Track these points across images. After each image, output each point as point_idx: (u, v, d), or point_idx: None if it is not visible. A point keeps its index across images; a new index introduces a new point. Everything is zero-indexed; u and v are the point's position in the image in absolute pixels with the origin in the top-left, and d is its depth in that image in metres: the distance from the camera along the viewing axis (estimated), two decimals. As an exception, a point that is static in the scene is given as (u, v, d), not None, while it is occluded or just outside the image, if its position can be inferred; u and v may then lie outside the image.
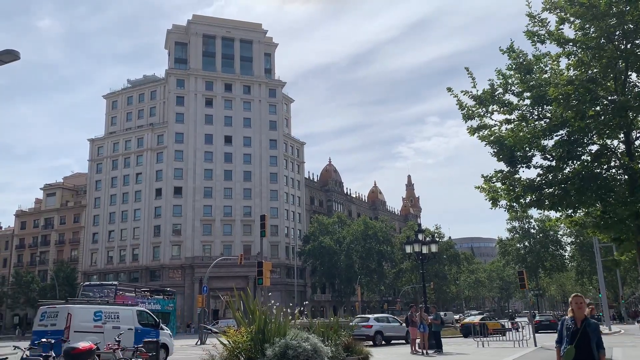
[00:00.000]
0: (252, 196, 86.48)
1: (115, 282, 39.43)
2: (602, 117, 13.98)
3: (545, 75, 14.87)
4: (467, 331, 26.79)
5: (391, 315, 38.73)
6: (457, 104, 15.66)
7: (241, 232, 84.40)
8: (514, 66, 15.20)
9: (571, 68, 14.72)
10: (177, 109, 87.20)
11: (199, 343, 36.68)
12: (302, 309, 13.23)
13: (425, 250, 29.31)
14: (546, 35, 14.82)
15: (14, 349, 14.30)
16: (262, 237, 30.03)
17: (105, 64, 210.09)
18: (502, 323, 36.50)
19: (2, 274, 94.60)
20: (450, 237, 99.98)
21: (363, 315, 35.05)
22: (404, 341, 29.50)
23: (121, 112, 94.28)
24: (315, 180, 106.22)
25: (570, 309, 7.03)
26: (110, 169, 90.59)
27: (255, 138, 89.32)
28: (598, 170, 14.95)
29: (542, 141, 14.97)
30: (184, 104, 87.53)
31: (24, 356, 12.41)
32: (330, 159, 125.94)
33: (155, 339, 16.41)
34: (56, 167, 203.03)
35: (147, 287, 48.09)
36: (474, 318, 40.24)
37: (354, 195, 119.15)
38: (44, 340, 13.56)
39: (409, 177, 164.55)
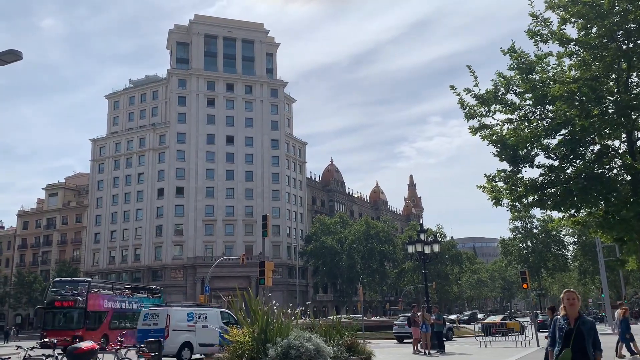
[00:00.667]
0: (254, 196, 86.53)
1: (89, 279, 37.87)
2: (606, 116, 13.94)
3: (549, 75, 14.84)
4: (489, 331, 27.80)
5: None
6: (459, 103, 15.64)
7: (243, 232, 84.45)
8: (515, 66, 15.17)
9: (573, 68, 14.68)
10: (179, 109, 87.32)
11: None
12: (303, 308, 13.26)
13: (427, 250, 29.29)
14: (548, 34, 14.79)
15: (17, 348, 14.34)
16: (264, 237, 30.10)
17: (106, 64, 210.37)
18: (522, 323, 36.98)
19: (4, 274, 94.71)
20: (452, 237, 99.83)
21: (405, 315, 34.86)
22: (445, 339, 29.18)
23: (123, 112, 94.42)
24: (317, 180, 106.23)
25: (562, 306, 6.38)
26: (112, 169, 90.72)
27: (257, 138, 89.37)
28: (601, 170, 14.91)
29: (545, 140, 14.93)
30: (185, 104, 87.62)
31: (27, 356, 12.45)
32: (332, 159, 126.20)
33: (157, 339, 16.43)
34: (58, 168, 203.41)
35: (132, 284, 46.46)
36: (495, 318, 42.37)
37: (356, 195, 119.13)
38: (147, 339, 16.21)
39: (411, 177, 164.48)
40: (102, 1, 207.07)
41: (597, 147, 15.04)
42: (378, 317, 70.60)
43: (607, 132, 14.06)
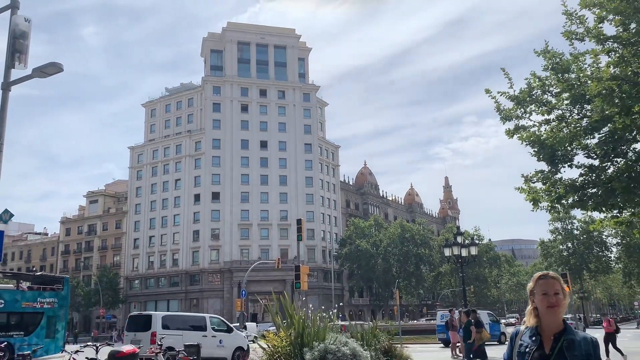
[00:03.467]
0: (288, 200, 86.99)
1: None
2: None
3: (587, 73, 14.45)
4: None
5: None
6: (495, 107, 15.39)
7: (278, 236, 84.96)
8: (549, 66, 14.83)
9: (611, 66, 14.26)
10: (213, 116, 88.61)
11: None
12: (335, 309, 13.25)
13: (464, 253, 28.85)
14: (584, 32, 14.41)
15: (61, 352, 14.78)
16: (298, 241, 30.21)
17: (144, 73, 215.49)
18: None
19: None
20: (490, 239, 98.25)
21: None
22: None
23: (160, 120, 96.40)
24: (351, 183, 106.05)
25: (530, 308, 3.40)
26: (150, 175, 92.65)
27: (290, 142, 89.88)
28: (644, 169, 14.41)
29: (584, 140, 14.54)
30: (220, 111, 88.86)
31: (71, 359, 12.81)
32: (365, 162, 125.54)
33: (196, 343, 16.67)
34: (99, 175, 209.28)
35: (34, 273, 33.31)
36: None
37: (390, 198, 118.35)
38: None
39: (447, 178, 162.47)
40: (139, 12, 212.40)
41: (640, 145, 14.55)
42: (415, 321, 69.93)
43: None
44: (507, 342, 3.59)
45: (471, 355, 16.16)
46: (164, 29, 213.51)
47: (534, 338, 3.30)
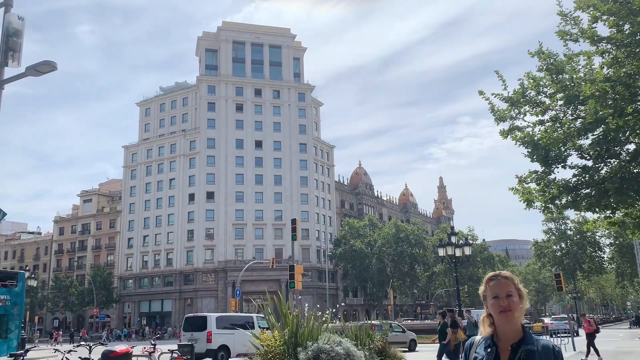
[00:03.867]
0: (282, 200, 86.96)
1: None
2: (640, 115, 13.55)
3: (580, 74, 14.52)
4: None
5: None
6: (489, 108, 15.44)
7: (272, 236, 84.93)
8: (544, 67, 14.89)
9: (605, 67, 14.32)
10: (208, 115, 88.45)
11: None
12: (334, 310, 13.27)
13: (458, 253, 28.93)
14: (579, 33, 14.48)
15: (54, 352, 14.72)
16: (293, 241, 30.20)
17: (138, 72, 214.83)
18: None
19: (42, 279, 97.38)
20: (484, 240, 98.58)
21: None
22: None
23: (154, 119, 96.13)
24: (346, 183, 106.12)
25: (484, 315, 3.00)
26: (144, 175, 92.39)
27: (285, 142, 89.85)
28: (637, 170, 14.49)
29: (578, 141, 14.61)
30: (215, 110, 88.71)
31: (64, 359, 12.75)
32: (360, 162, 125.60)
33: (190, 343, 16.62)
34: (93, 174, 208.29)
35: None
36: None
37: (385, 198, 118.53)
38: None
39: (441, 179, 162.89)
40: (134, 11, 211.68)
41: (633, 146, 14.63)
42: (409, 321, 70.05)
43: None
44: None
45: (444, 356, 16.20)
46: (159, 28, 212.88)
47: (489, 349, 2.85)
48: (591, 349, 21.29)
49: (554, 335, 29.76)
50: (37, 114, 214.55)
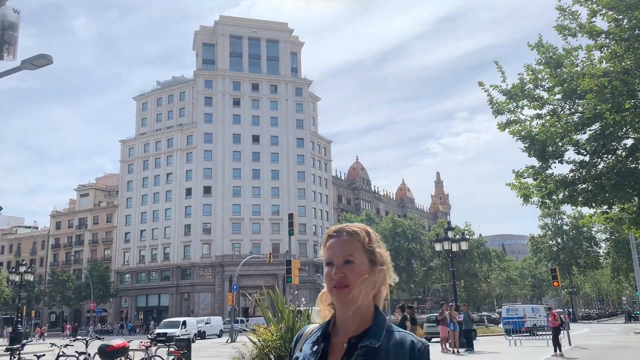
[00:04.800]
0: (280, 195, 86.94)
1: None
2: (639, 110, 13.56)
3: (577, 69, 14.51)
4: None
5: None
6: (487, 99, 15.41)
7: (270, 231, 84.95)
8: (543, 60, 14.86)
9: (604, 61, 14.32)
10: (205, 110, 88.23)
11: (229, 341, 37.10)
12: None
13: (455, 248, 29.00)
14: (577, 28, 14.45)
15: (51, 346, 14.71)
16: (290, 236, 30.19)
17: (135, 66, 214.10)
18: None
19: (39, 273, 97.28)
20: (480, 235, 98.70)
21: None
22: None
23: (151, 114, 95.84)
24: (343, 178, 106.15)
25: (322, 293, 1.97)
26: (141, 169, 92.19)
27: (282, 137, 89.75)
28: (634, 165, 14.51)
29: (575, 136, 14.62)
30: (212, 105, 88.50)
31: (60, 353, 12.74)
32: (357, 157, 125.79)
33: (187, 337, 16.62)
34: (90, 169, 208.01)
35: None
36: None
37: (382, 193, 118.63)
38: None
39: (438, 174, 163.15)
40: (130, 5, 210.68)
41: (630, 141, 14.64)
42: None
43: (641, 125, 13.68)
44: None
45: None
46: (156, 22, 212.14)
47: (315, 347, 1.83)
48: (560, 342, 21.42)
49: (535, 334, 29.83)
50: (33, 108, 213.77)
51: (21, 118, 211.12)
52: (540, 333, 29.21)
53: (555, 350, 20.54)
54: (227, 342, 36.80)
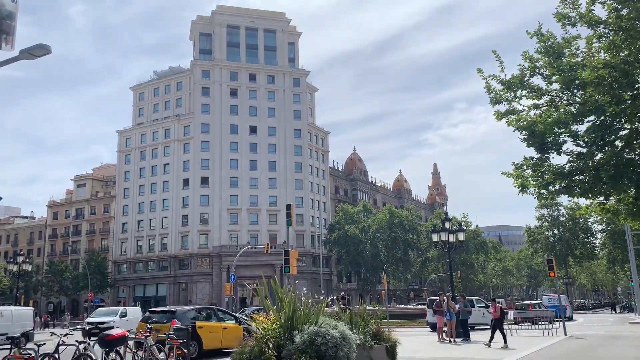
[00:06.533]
0: (277, 186, 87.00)
1: None
2: (637, 102, 13.59)
3: (577, 59, 14.50)
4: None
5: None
6: (485, 87, 15.40)
7: (267, 221, 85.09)
8: (542, 49, 14.85)
9: (602, 51, 14.31)
10: (202, 100, 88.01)
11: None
12: (336, 297, 13.37)
13: (452, 238, 29.13)
14: (577, 17, 14.43)
15: (51, 335, 14.80)
16: (288, 226, 30.30)
17: (131, 56, 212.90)
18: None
19: (36, 263, 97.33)
20: (477, 226, 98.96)
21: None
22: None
23: (148, 104, 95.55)
24: (340, 169, 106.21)
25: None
26: (138, 159, 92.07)
27: (279, 128, 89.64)
28: (631, 156, 14.58)
29: (573, 126, 14.66)
30: (209, 95, 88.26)
31: (60, 342, 12.82)
32: (354, 148, 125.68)
33: (187, 326, 16.70)
34: (86, 159, 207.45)
35: None
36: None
37: (379, 184, 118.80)
38: None
39: (435, 165, 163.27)
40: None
41: (627, 131, 14.67)
42: (402, 306, 70.64)
43: (639, 115, 13.72)
44: None
45: None
46: (152, 11, 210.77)
47: None
48: (506, 333, 21.23)
49: (536, 323, 30.11)
50: (29, 98, 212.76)
51: (16, 107, 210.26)
52: (541, 323, 29.67)
53: (489, 341, 20.43)
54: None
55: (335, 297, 16.99)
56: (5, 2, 12.20)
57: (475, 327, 28.88)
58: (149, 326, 15.46)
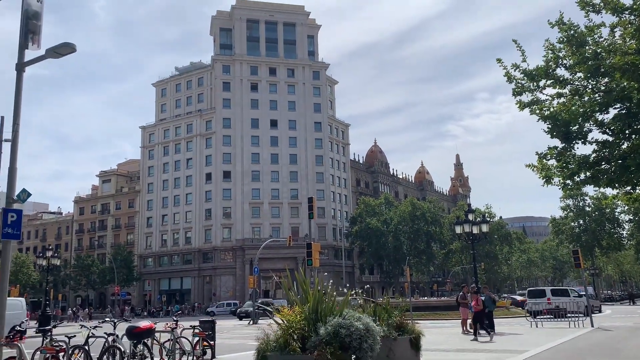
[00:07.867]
0: (298, 179, 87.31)
1: None
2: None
3: (603, 46, 14.18)
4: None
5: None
6: (505, 76, 15.13)
7: (289, 215, 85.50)
8: (564, 39, 14.56)
9: (627, 38, 13.96)
10: (223, 95, 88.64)
11: (251, 323, 37.68)
12: (361, 290, 13.47)
13: (475, 230, 28.94)
14: (601, 4, 14.11)
15: (81, 327, 15.17)
16: (310, 219, 30.44)
17: (153, 52, 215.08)
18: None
19: (64, 258, 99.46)
20: (501, 217, 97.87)
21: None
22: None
23: (170, 100, 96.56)
24: (361, 161, 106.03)
25: None
26: (161, 155, 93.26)
27: (300, 121, 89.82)
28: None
29: (598, 115, 14.38)
30: (230, 90, 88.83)
31: (90, 334, 13.11)
32: (375, 140, 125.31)
33: (211, 319, 16.96)
34: (111, 155, 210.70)
35: None
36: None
37: (401, 176, 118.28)
38: None
39: (457, 156, 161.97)
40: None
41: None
42: (425, 298, 70.43)
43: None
44: None
45: None
46: (173, 6, 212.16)
47: None
48: (487, 326, 21.35)
49: (560, 316, 29.29)
50: (54, 95, 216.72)
51: (42, 105, 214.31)
52: (570, 315, 28.96)
53: (474, 334, 20.48)
54: (249, 324, 37.38)
55: (360, 290, 17.11)
56: (31, 2, 12.47)
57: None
58: (175, 318, 15.72)
